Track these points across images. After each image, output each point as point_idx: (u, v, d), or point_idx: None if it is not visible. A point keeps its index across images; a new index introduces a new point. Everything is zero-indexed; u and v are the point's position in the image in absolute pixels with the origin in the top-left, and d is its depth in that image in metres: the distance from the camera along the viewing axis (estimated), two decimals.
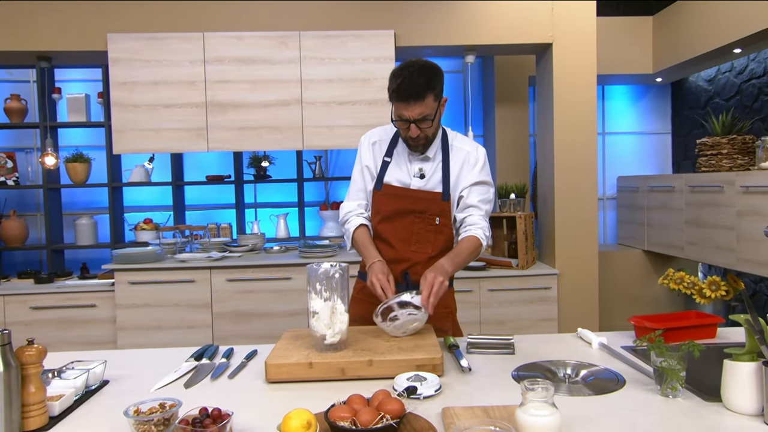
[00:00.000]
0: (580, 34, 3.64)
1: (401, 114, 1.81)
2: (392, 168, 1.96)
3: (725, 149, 3.76)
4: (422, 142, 1.89)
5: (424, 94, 1.77)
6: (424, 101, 1.77)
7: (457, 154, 1.97)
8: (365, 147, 2.02)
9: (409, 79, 1.76)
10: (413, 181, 1.94)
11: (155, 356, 1.76)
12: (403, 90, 1.77)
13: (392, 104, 1.84)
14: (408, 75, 1.77)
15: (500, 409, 1.24)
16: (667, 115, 5.17)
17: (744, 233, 3.47)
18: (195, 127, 3.66)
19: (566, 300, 3.71)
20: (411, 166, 1.96)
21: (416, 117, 1.79)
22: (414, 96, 1.76)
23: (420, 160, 1.96)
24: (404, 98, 1.77)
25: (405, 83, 1.76)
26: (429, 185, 1.94)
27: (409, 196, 1.92)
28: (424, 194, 1.92)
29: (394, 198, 1.93)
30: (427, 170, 1.94)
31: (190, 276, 3.59)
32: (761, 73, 4.09)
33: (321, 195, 4.88)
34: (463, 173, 1.96)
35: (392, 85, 1.81)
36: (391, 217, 1.94)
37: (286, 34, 3.62)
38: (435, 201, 1.92)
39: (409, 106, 1.78)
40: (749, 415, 1.21)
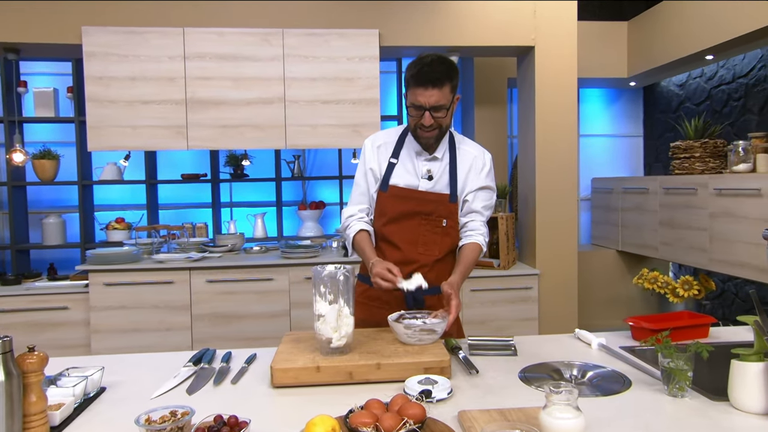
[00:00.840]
0: (561, 37, 3.69)
1: (417, 100, 1.80)
2: (399, 169, 1.94)
3: (698, 152, 3.87)
4: (434, 133, 1.86)
5: (443, 82, 1.78)
6: (441, 89, 1.78)
7: (465, 156, 1.97)
8: (369, 150, 1.99)
9: (430, 66, 1.77)
10: (421, 183, 1.92)
11: (151, 361, 1.70)
12: (423, 74, 1.77)
13: (408, 91, 1.84)
14: (429, 62, 1.78)
15: (516, 412, 1.24)
16: (639, 119, 5.30)
17: (716, 234, 3.58)
18: (174, 124, 3.57)
19: (546, 300, 3.76)
20: (419, 168, 1.93)
21: (432, 104, 1.78)
22: (432, 82, 1.76)
23: (428, 161, 1.94)
24: (423, 83, 1.77)
25: (426, 68, 1.77)
26: (437, 187, 1.92)
27: (417, 198, 1.90)
28: (431, 196, 1.91)
29: (400, 199, 1.91)
30: (435, 171, 1.93)
31: (169, 277, 3.51)
32: (730, 79, 4.23)
33: (298, 194, 4.83)
34: (470, 177, 1.95)
35: (411, 70, 1.80)
36: (398, 219, 1.92)
37: (270, 32, 3.57)
38: (442, 203, 1.91)
39: (426, 91, 1.77)
40: (757, 414, 1.24)
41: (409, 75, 1.80)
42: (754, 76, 4.00)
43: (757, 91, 3.98)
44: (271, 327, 3.56)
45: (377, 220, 1.97)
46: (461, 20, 3.66)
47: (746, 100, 4.08)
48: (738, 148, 3.51)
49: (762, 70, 3.94)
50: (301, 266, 3.57)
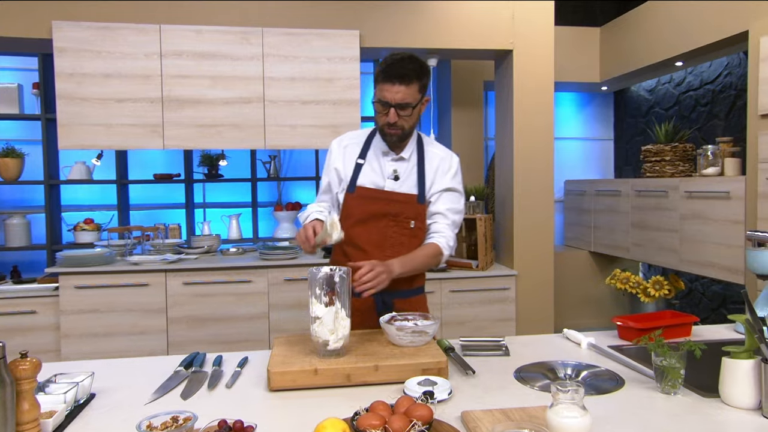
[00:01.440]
0: (538, 41, 3.75)
1: (383, 96, 1.77)
2: (366, 170, 1.90)
3: (668, 156, 3.98)
4: (398, 132, 1.83)
5: (411, 79, 1.75)
6: (408, 86, 1.75)
7: (432, 158, 1.93)
8: (336, 149, 1.96)
9: (400, 62, 1.76)
10: (387, 183, 1.88)
11: (140, 366, 1.66)
12: (392, 70, 1.75)
13: (375, 87, 1.81)
14: (399, 59, 1.77)
15: (518, 412, 1.25)
16: (609, 122, 5.42)
17: (687, 235, 3.69)
18: (150, 123, 3.49)
19: (524, 300, 3.81)
20: (385, 168, 1.90)
21: (398, 101, 1.76)
22: (400, 78, 1.74)
23: (394, 161, 1.90)
24: (390, 78, 1.74)
25: (395, 64, 1.75)
26: (404, 187, 1.88)
27: (384, 199, 1.87)
28: (398, 196, 1.87)
29: (367, 200, 1.87)
30: (401, 171, 1.90)
31: (144, 279, 3.42)
32: (698, 85, 4.36)
33: (274, 195, 4.78)
34: (436, 178, 1.91)
35: (381, 65, 1.78)
36: (365, 221, 1.88)
37: (249, 30, 3.52)
38: (410, 203, 1.88)
39: (393, 87, 1.74)
40: (747, 409, 1.28)
41: (378, 70, 1.79)
42: (720, 83, 4.14)
43: (723, 97, 4.11)
44: (249, 329, 3.52)
45: (343, 222, 1.89)
46: (442, 23, 3.68)
47: (713, 105, 4.21)
48: (707, 152, 3.62)
49: (728, 77, 4.08)
50: (280, 268, 3.53)
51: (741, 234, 3.25)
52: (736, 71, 4.00)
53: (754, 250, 1.84)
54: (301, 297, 3.53)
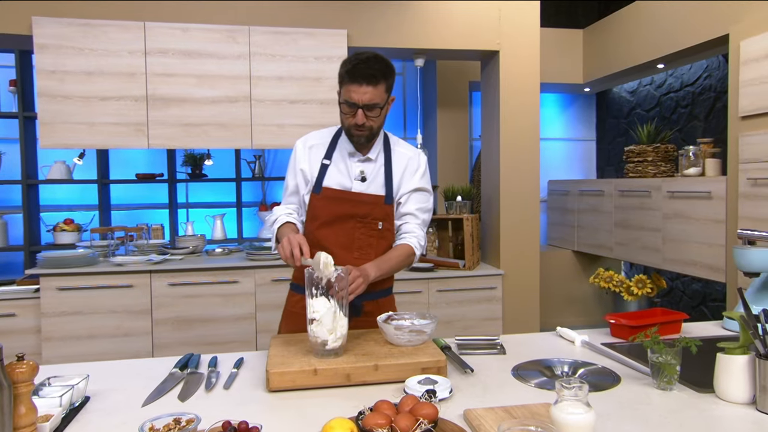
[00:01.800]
0: (525, 42, 3.79)
1: (350, 97, 1.72)
2: (332, 171, 1.85)
3: (650, 157, 4.05)
4: (365, 133, 1.78)
5: (378, 80, 1.71)
6: (376, 87, 1.71)
7: (399, 158, 1.90)
8: (301, 150, 1.91)
9: (366, 63, 1.71)
10: (354, 184, 1.85)
11: (133, 368, 1.63)
12: (359, 71, 1.70)
13: (341, 88, 1.77)
14: (365, 59, 1.72)
15: (520, 409, 1.26)
16: (592, 123, 5.49)
17: (669, 234, 3.76)
18: (134, 122, 3.44)
19: (510, 299, 3.84)
20: (351, 169, 1.86)
21: (366, 102, 1.71)
22: (367, 79, 1.69)
23: (361, 162, 1.86)
24: (357, 79, 1.70)
25: (361, 65, 1.71)
26: (371, 188, 1.85)
27: (351, 200, 1.83)
28: (366, 197, 1.83)
29: (333, 201, 1.83)
30: (368, 172, 1.86)
31: (128, 280, 3.37)
32: (678, 87, 4.44)
33: (258, 195, 4.74)
34: (404, 178, 1.89)
35: (346, 66, 1.73)
36: (331, 222, 1.84)
37: (235, 29, 3.49)
38: (378, 205, 1.84)
39: (360, 88, 1.70)
40: (742, 404, 1.31)
41: (344, 71, 1.73)
42: (700, 85, 4.23)
43: (703, 99, 4.20)
44: (236, 330, 3.49)
45: (309, 223, 1.87)
46: (429, 23, 3.69)
47: (693, 107, 4.30)
48: (689, 153, 3.69)
49: (707, 80, 4.16)
50: (268, 268, 3.51)
51: (722, 233, 3.32)
52: (715, 74, 4.09)
53: (742, 248, 1.88)
54: None
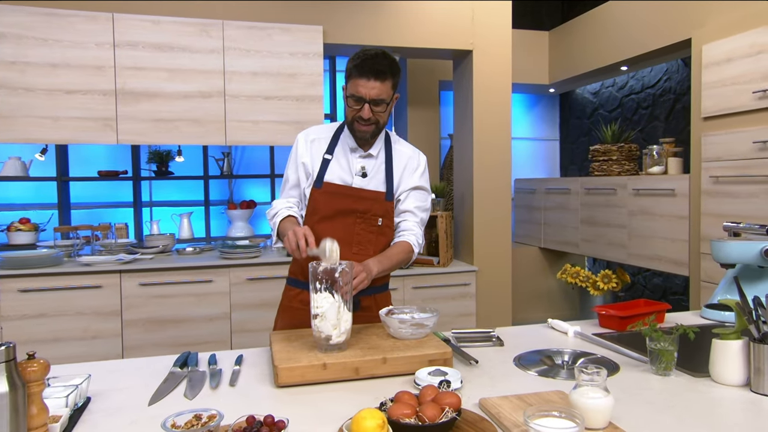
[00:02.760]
0: (497, 42, 3.85)
1: (358, 91, 1.73)
2: (333, 165, 1.86)
3: (615, 156, 4.19)
4: (371, 128, 1.80)
5: (386, 76, 1.73)
6: (383, 82, 1.73)
7: (400, 156, 1.92)
8: (302, 143, 1.91)
9: (374, 58, 1.72)
10: (355, 180, 1.86)
11: (128, 367, 1.58)
12: (367, 65, 1.71)
13: (348, 82, 1.77)
14: (373, 55, 1.74)
15: (533, 396, 1.28)
16: (555, 123, 5.64)
17: (635, 231, 3.90)
18: (102, 116, 3.32)
19: (483, 295, 3.90)
20: (353, 164, 1.87)
21: (373, 97, 1.73)
22: (375, 74, 1.70)
23: (362, 158, 1.88)
24: (366, 74, 1.70)
25: (369, 60, 1.72)
26: (371, 184, 1.86)
27: (351, 195, 1.84)
28: (366, 193, 1.85)
29: (334, 196, 1.84)
30: (369, 168, 1.87)
31: (97, 281, 3.25)
32: (639, 89, 4.62)
33: (224, 193, 4.65)
34: (404, 176, 1.91)
35: (354, 61, 1.74)
36: (331, 217, 1.84)
37: (208, 22, 3.42)
38: (378, 201, 1.85)
39: (368, 82, 1.71)
40: (737, 386, 1.37)
41: (352, 65, 1.74)
42: (660, 87, 4.40)
43: (663, 100, 4.37)
44: (210, 331, 3.42)
45: (309, 218, 1.87)
46: (404, 21, 3.71)
47: (653, 108, 4.47)
48: (652, 152, 3.84)
49: (667, 82, 4.34)
50: (243, 267, 3.45)
51: (686, 229, 3.47)
52: (674, 76, 4.27)
53: (719, 241, 1.97)
54: (264, 296, 3.47)
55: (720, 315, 1.98)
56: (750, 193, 3.01)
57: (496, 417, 1.20)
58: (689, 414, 1.23)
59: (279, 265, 3.48)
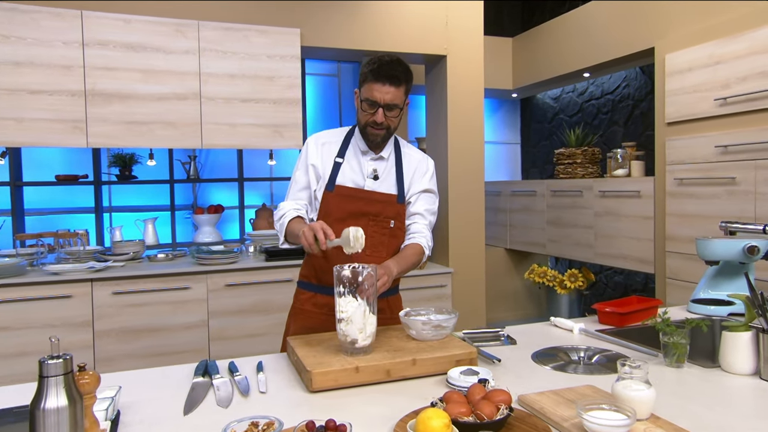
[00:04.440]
0: (470, 47, 3.93)
1: (372, 95, 1.76)
2: (345, 168, 1.88)
3: (579, 159, 4.36)
4: (383, 132, 1.84)
5: (400, 82, 1.78)
6: (398, 88, 1.77)
7: (410, 160, 1.96)
8: (313, 146, 1.92)
9: (390, 64, 1.76)
10: (367, 182, 1.88)
11: (151, 378, 1.52)
12: (383, 71, 1.74)
13: (362, 86, 1.80)
14: (389, 60, 1.77)
15: (568, 392, 1.33)
16: (517, 127, 5.80)
17: (601, 231, 4.06)
18: (71, 118, 3.17)
19: (459, 296, 3.96)
20: (364, 167, 1.90)
21: (387, 101, 1.76)
22: (391, 79, 1.75)
23: (373, 161, 1.90)
24: (381, 79, 1.74)
25: (386, 66, 1.75)
26: (383, 187, 1.89)
27: (364, 198, 1.86)
28: (379, 196, 1.87)
29: (347, 199, 1.86)
30: (380, 171, 1.90)
31: (66, 291, 3.10)
32: (599, 95, 4.82)
33: (188, 198, 4.53)
34: (414, 179, 1.95)
35: (370, 66, 1.77)
36: (344, 220, 1.85)
37: (183, 23, 3.33)
38: (390, 203, 1.88)
39: (383, 87, 1.75)
40: (747, 375, 1.47)
41: (368, 70, 1.77)
42: (619, 93, 4.61)
43: (623, 106, 4.58)
44: (187, 339, 3.32)
45: (321, 220, 1.86)
46: (381, 26, 3.74)
47: (613, 113, 4.68)
48: (617, 156, 4.02)
49: (626, 89, 4.55)
50: (220, 273, 3.37)
51: (651, 229, 3.65)
52: (633, 83, 4.48)
53: (704, 239, 2.09)
54: (242, 303, 3.40)
55: (706, 309, 2.10)
56: (712, 194, 3.20)
57: (540, 412, 1.24)
58: (715, 402, 1.31)
59: (258, 271, 3.42)
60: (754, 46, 2.97)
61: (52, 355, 0.95)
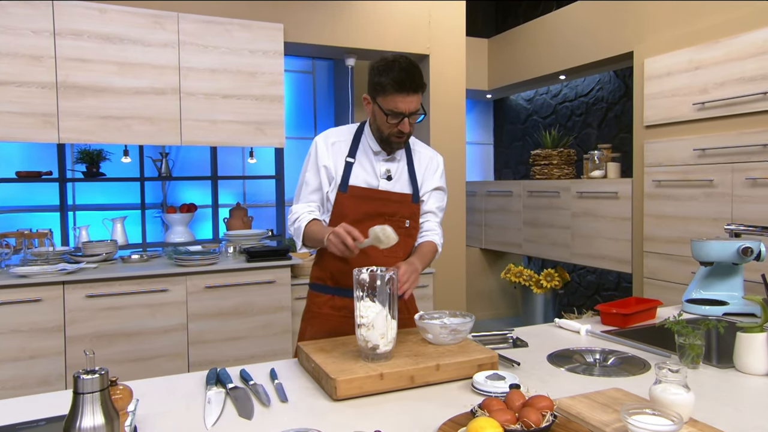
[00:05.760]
0: (452, 45, 3.93)
1: (397, 107, 1.72)
2: (357, 169, 1.85)
3: (555, 160, 4.42)
4: (405, 139, 1.82)
5: (422, 88, 1.76)
6: (419, 94, 1.76)
7: (421, 158, 1.95)
8: (322, 146, 1.87)
9: (408, 72, 1.72)
10: (381, 183, 1.86)
11: (156, 389, 1.43)
12: (407, 83, 1.70)
13: (382, 97, 1.74)
14: (406, 67, 1.72)
15: (597, 395, 1.32)
16: (490, 128, 5.84)
17: (578, 231, 4.13)
18: (41, 112, 3.00)
19: (440, 297, 3.96)
20: (377, 167, 1.87)
21: (412, 110, 1.74)
22: (414, 88, 1.72)
23: (386, 161, 1.89)
24: (406, 89, 1.70)
25: (407, 76, 1.71)
26: (397, 187, 1.88)
27: (379, 198, 1.84)
28: (394, 196, 1.86)
29: (362, 200, 1.83)
30: (393, 171, 1.89)
31: (36, 294, 2.93)
32: (573, 97, 4.90)
33: (158, 196, 4.37)
34: (426, 177, 1.94)
35: (390, 76, 1.71)
36: (360, 221, 1.81)
37: (162, 14, 3.20)
38: (405, 203, 1.87)
39: (407, 97, 1.72)
40: (762, 375, 1.49)
41: (388, 80, 1.71)
42: (593, 96, 4.70)
43: (596, 109, 4.67)
44: (165, 343, 3.19)
45: (336, 222, 1.84)
46: (364, 24, 3.69)
47: (587, 116, 4.76)
48: (594, 157, 4.09)
49: (599, 92, 4.64)
50: (200, 274, 3.26)
51: (628, 229, 3.73)
52: (606, 87, 4.57)
53: (699, 241, 2.14)
54: (223, 305, 3.29)
55: (700, 309, 2.14)
56: (690, 196, 3.29)
57: (578, 417, 1.22)
58: (742, 403, 1.32)
59: (239, 272, 3.32)
60: (731, 53, 3.06)
61: (87, 369, 0.87)
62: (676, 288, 3.33)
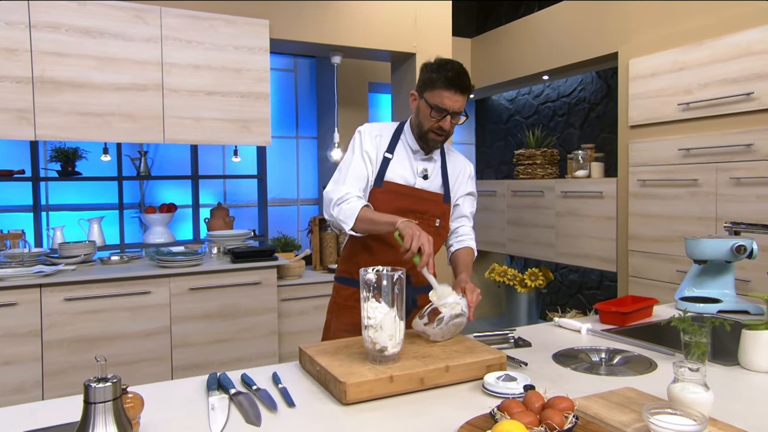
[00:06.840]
0: (438, 45, 3.91)
1: (443, 102, 1.77)
2: (394, 165, 1.90)
3: (539, 160, 4.44)
4: (443, 138, 1.87)
5: (469, 91, 1.82)
6: (465, 96, 1.82)
7: (455, 162, 2.02)
8: (367, 135, 1.90)
9: (459, 72, 1.79)
10: (417, 181, 1.92)
11: (153, 395, 1.36)
12: (457, 80, 1.77)
13: (430, 92, 1.79)
14: (458, 67, 1.80)
15: (611, 394, 1.30)
16: (471, 128, 5.85)
17: (562, 230, 4.15)
18: (15, 107, 2.88)
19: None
20: (415, 166, 1.93)
21: (456, 110, 1.79)
22: (462, 89, 1.78)
23: (423, 161, 1.94)
24: (454, 87, 1.76)
25: (457, 75, 1.78)
26: (432, 187, 1.93)
27: (413, 195, 1.89)
28: (427, 194, 1.91)
29: (395, 196, 1.87)
30: (430, 171, 1.95)
31: (11, 297, 2.81)
32: (555, 98, 4.93)
33: (135, 196, 4.25)
34: (460, 181, 2.01)
35: (442, 72, 1.77)
36: None
37: (144, 8, 3.10)
38: (437, 202, 1.93)
39: (454, 95, 1.77)
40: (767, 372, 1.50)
41: (438, 76, 1.78)
42: (575, 97, 4.73)
43: (578, 109, 4.71)
44: (147, 347, 3.10)
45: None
46: (351, 21, 3.64)
47: (569, 116, 4.80)
48: (578, 157, 4.11)
49: (582, 92, 4.68)
50: (183, 276, 3.17)
51: (613, 228, 3.76)
52: (588, 87, 4.61)
53: (694, 239, 2.15)
54: (207, 307, 3.21)
55: (695, 307, 2.15)
56: (675, 195, 3.33)
57: (596, 417, 1.20)
58: (755, 402, 1.32)
59: (224, 273, 3.24)
60: (716, 54, 3.11)
61: (99, 377, 0.81)
62: (661, 286, 3.37)
